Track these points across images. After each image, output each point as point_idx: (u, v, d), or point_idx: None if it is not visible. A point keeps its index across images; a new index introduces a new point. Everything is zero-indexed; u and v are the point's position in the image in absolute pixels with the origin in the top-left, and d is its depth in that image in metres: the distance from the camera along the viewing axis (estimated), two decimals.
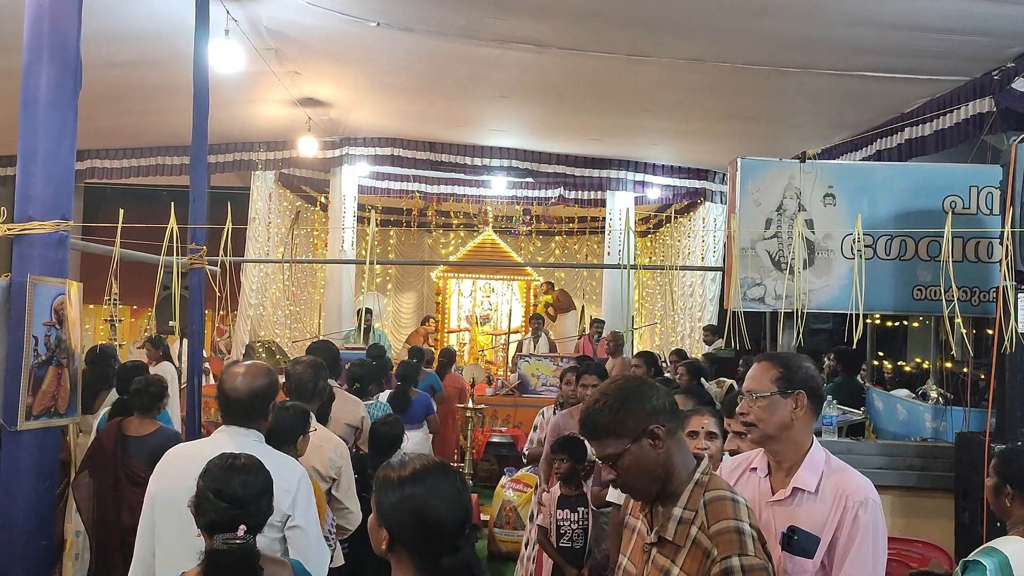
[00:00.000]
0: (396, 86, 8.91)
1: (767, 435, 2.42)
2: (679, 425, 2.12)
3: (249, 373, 2.90)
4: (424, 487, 1.79)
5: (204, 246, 5.54)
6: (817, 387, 2.45)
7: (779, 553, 2.32)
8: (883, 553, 2.33)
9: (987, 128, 5.99)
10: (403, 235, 16.66)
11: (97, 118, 9.23)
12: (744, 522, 1.96)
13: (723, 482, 2.12)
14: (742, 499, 2.05)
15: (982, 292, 5.18)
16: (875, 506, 2.32)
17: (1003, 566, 2.70)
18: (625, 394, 2.04)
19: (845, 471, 2.40)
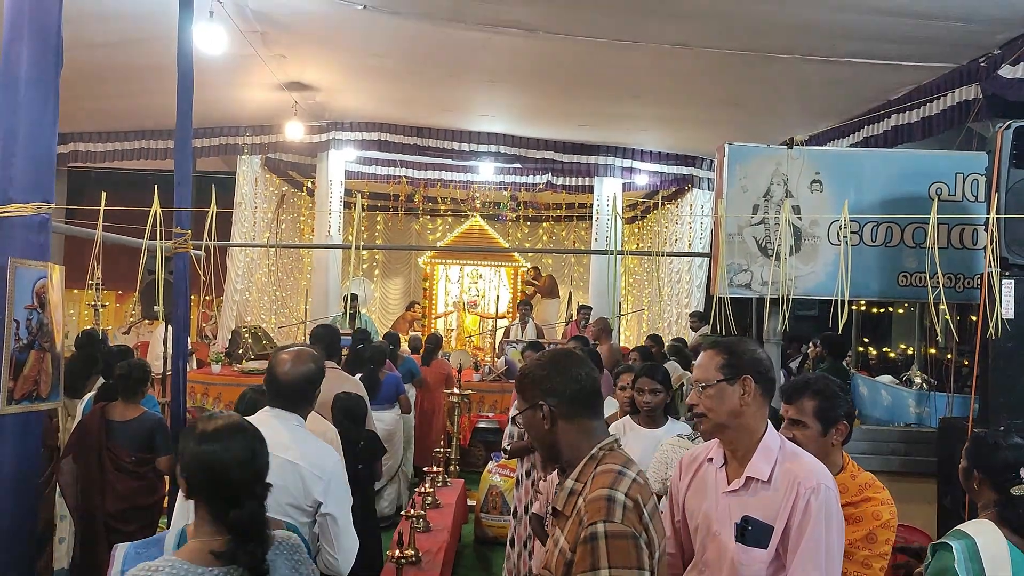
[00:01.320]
0: (383, 70, 8.84)
1: (718, 424, 2.38)
2: (581, 413, 2.11)
3: (298, 359, 2.97)
4: (219, 445, 1.96)
5: (189, 230, 5.49)
6: (765, 371, 2.38)
7: (733, 545, 2.31)
8: (838, 539, 2.29)
9: (973, 115, 6.01)
10: (390, 220, 16.60)
11: (80, 100, 9.16)
12: (618, 491, 1.94)
13: (623, 458, 2.09)
14: (633, 474, 2.02)
15: (966, 279, 5.21)
16: (828, 492, 2.27)
17: (970, 548, 2.72)
18: (540, 366, 2.15)
19: (798, 457, 2.37)
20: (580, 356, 2.19)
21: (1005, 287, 4.28)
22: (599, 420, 2.16)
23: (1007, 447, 2.90)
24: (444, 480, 6.53)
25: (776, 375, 2.53)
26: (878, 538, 2.72)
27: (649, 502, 2.01)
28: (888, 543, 2.74)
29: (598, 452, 2.08)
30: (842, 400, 2.89)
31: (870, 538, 2.71)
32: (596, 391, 2.16)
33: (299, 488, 2.83)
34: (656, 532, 1.99)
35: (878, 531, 2.72)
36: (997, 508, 2.83)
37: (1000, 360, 4.31)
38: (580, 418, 2.11)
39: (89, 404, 4.76)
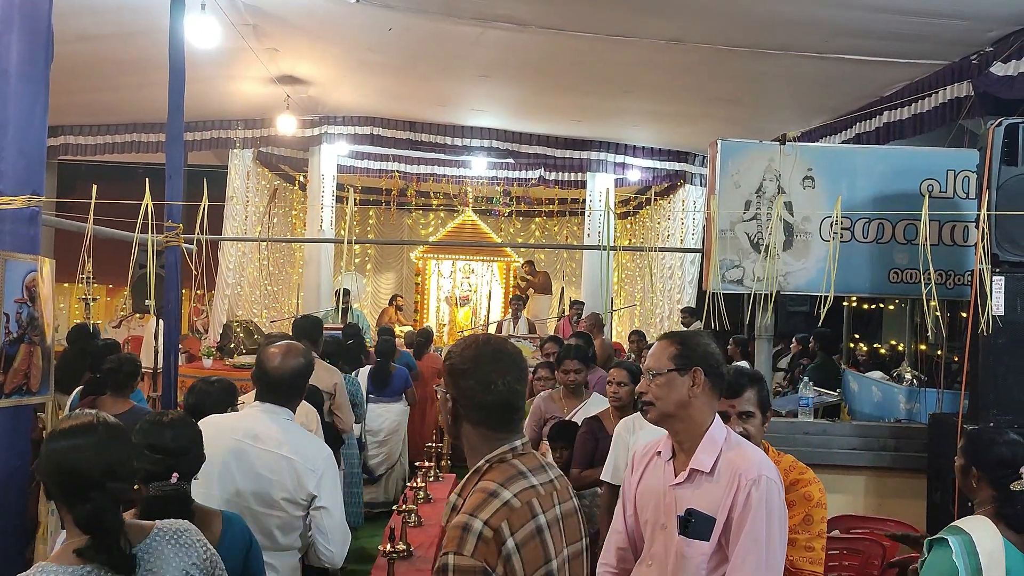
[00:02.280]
0: (376, 64, 8.82)
1: (664, 413, 2.40)
2: (485, 422, 1.98)
3: (288, 353, 2.97)
4: (65, 443, 1.97)
5: (181, 224, 5.47)
6: (716, 365, 2.41)
7: (677, 537, 2.31)
8: (780, 531, 2.29)
9: (964, 112, 6.03)
10: (382, 215, 16.57)
11: (71, 93, 9.09)
12: (477, 519, 1.81)
13: (506, 474, 1.94)
14: (510, 494, 1.88)
15: (957, 275, 5.24)
16: (769, 483, 2.27)
17: (967, 544, 2.74)
18: (464, 358, 2.01)
19: (741, 449, 2.38)
20: (509, 362, 2.01)
21: (995, 284, 4.29)
22: (505, 433, 1.99)
23: (1004, 443, 2.92)
24: (436, 475, 6.53)
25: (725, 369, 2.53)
26: (814, 518, 2.75)
27: (525, 527, 1.87)
28: (823, 521, 2.76)
29: (483, 464, 1.96)
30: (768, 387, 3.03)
31: (807, 520, 2.74)
32: (510, 405, 1.98)
33: (294, 482, 2.84)
34: (529, 559, 1.86)
35: (813, 511, 2.76)
36: (995, 505, 2.85)
37: (990, 356, 4.33)
38: (483, 427, 1.99)
39: (76, 399, 4.74)
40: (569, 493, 2.09)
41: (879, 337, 9.77)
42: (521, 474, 1.95)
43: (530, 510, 1.90)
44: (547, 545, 1.91)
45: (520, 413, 2.05)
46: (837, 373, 7.42)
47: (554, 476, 2.06)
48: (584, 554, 2.09)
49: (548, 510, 1.95)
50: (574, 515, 2.06)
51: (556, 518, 1.97)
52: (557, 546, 1.94)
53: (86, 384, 4.56)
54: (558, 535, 1.96)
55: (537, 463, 2.04)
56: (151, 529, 2.09)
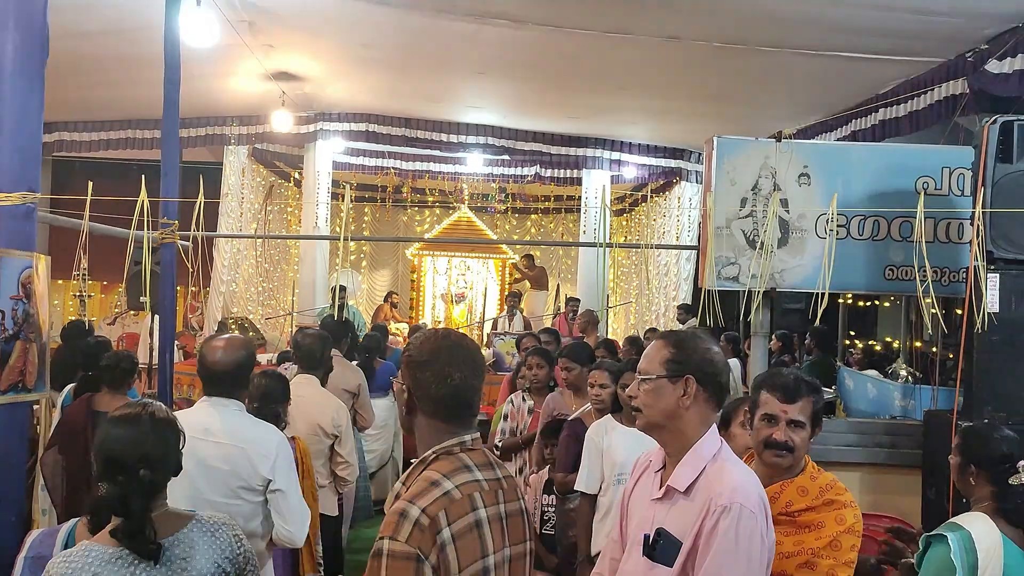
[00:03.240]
0: (371, 61, 8.81)
1: (651, 423, 2.20)
2: (440, 415, 1.99)
3: (229, 346, 3.05)
4: (112, 429, 2.16)
5: (176, 221, 5.46)
6: (714, 373, 2.17)
7: (638, 557, 2.15)
8: (751, 568, 2.03)
9: (960, 110, 6.04)
10: (377, 212, 16.56)
11: (65, 89, 9.07)
12: (415, 506, 1.83)
13: (451, 466, 1.94)
14: (452, 484, 1.89)
15: (952, 272, 5.24)
16: (742, 512, 2.01)
17: (965, 541, 2.74)
18: (422, 351, 2.02)
19: (724, 470, 2.12)
20: (466, 356, 2.02)
21: (990, 281, 4.30)
22: (457, 426, 2.01)
23: (1000, 439, 2.93)
24: None
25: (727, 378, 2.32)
26: (842, 545, 2.49)
27: (463, 519, 1.87)
28: (854, 550, 2.51)
29: (430, 455, 1.97)
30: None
31: (834, 545, 2.48)
32: (466, 400, 2.00)
33: (248, 470, 2.94)
34: (464, 551, 1.85)
35: (842, 537, 2.50)
36: (994, 500, 2.86)
37: (984, 353, 4.33)
38: (436, 419, 2.00)
39: (68, 396, 4.72)
40: (517, 495, 2.07)
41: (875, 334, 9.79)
42: (466, 468, 1.96)
43: (470, 503, 1.91)
44: (485, 540, 1.91)
45: (474, 408, 2.05)
46: (833, 370, 7.44)
47: (502, 475, 2.06)
48: (528, 558, 2.06)
49: (490, 506, 1.96)
50: (520, 516, 2.05)
51: (499, 515, 1.97)
52: (497, 543, 1.94)
53: (79, 381, 4.54)
54: (499, 532, 1.96)
55: (485, 460, 2.04)
56: (189, 520, 2.18)
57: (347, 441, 4.32)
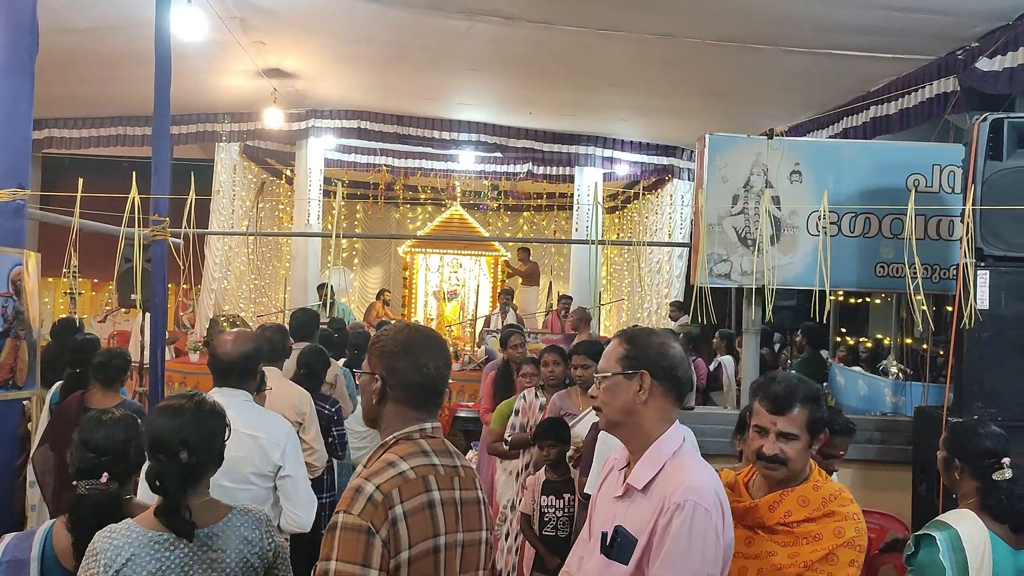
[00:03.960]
0: (363, 58, 8.79)
1: (610, 420, 2.21)
2: (410, 403, 2.05)
3: (238, 339, 3.23)
4: (159, 415, 2.31)
5: (167, 218, 5.44)
6: (669, 368, 2.15)
7: (597, 555, 2.15)
8: (705, 566, 2.01)
9: (950, 107, 6.07)
10: (370, 209, 16.53)
11: (55, 86, 9.02)
12: (371, 482, 1.90)
13: (408, 450, 2.00)
14: (407, 466, 1.95)
15: (942, 269, 5.27)
16: (696, 510, 2.00)
17: (953, 539, 2.76)
18: (395, 341, 2.07)
19: (683, 467, 2.10)
20: (438, 347, 2.10)
21: (980, 278, 4.32)
22: (424, 414, 2.07)
23: (986, 435, 2.95)
24: None
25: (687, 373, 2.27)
26: (839, 559, 2.35)
27: (416, 498, 1.93)
28: (853, 565, 2.36)
29: (390, 440, 2.05)
30: (825, 406, 2.56)
31: (830, 559, 2.35)
32: (437, 388, 2.09)
33: (261, 457, 3.07)
34: (415, 528, 1.90)
35: (840, 551, 2.35)
36: (978, 496, 2.87)
37: (974, 350, 4.35)
38: (406, 407, 2.06)
39: (56, 394, 4.70)
40: (474, 485, 2.12)
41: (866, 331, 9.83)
42: (423, 452, 2.03)
43: (424, 484, 1.97)
44: (437, 520, 1.97)
45: (442, 397, 2.14)
46: (824, 367, 7.47)
47: (460, 464, 2.11)
48: (483, 547, 2.10)
49: (444, 489, 2.01)
50: (476, 506, 2.09)
51: (453, 500, 2.03)
52: (450, 525, 2.00)
53: (67, 379, 4.52)
54: (452, 516, 2.01)
55: (443, 448, 2.09)
56: (228, 511, 2.30)
57: (311, 427, 4.42)
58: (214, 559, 2.20)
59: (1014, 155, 4.36)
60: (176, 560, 2.16)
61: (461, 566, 2.01)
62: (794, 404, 2.46)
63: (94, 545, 2.16)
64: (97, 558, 2.13)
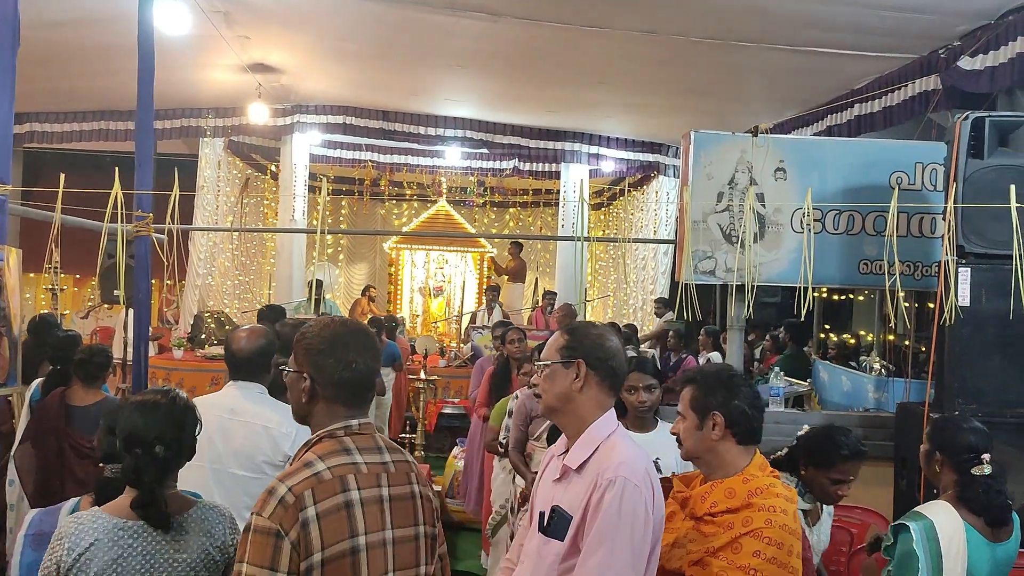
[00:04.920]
0: (348, 53, 8.76)
1: (548, 406, 2.33)
2: (339, 399, 2.05)
3: (252, 335, 3.33)
4: (132, 409, 2.33)
5: (150, 213, 5.40)
6: (603, 358, 2.27)
7: (536, 534, 2.26)
8: (633, 537, 2.10)
9: (933, 106, 6.11)
10: (355, 205, 16.47)
11: (37, 80, 8.94)
12: (284, 484, 1.91)
13: (329, 448, 2.01)
14: (324, 466, 1.96)
15: (924, 266, 5.31)
16: (627, 485, 2.11)
17: (927, 529, 2.81)
18: (321, 338, 2.07)
19: (615, 448, 2.21)
20: (366, 342, 2.11)
21: (961, 275, 4.35)
22: (353, 411, 2.08)
23: (969, 430, 3.00)
24: None
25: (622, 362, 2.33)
26: (743, 548, 2.29)
27: (331, 499, 1.93)
28: (758, 556, 2.27)
29: (314, 438, 2.05)
30: (722, 391, 2.46)
31: (733, 547, 2.30)
32: (367, 383, 2.10)
33: (272, 447, 3.14)
34: (329, 530, 1.91)
35: (744, 540, 2.30)
36: (956, 489, 2.92)
37: (955, 346, 4.39)
38: (336, 404, 2.07)
39: (37, 391, 4.66)
40: (409, 480, 2.11)
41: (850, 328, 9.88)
42: (345, 451, 2.03)
43: (340, 484, 1.97)
44: (355, 520, 1.96)
45: (372, 393, 2.15)
46: (807, 363, 7.51)
47: (392, 459, 2.09)
48: (419, 541, 2.09)
49: (366, 488, 2.00)
50: (410, 500, 2.09)
51: (378, 498, 2.02)
52: (372, 525, 1.99)
53: (48, 375, 4.48)
54: (376, 514, 2.00)
55: (372, 444, 2.08)
56: (192, 505, 2.35)
57: None
58: (176, 549, 2.25)
59: (995, 153, 4.41)
60: (138, 548, 2.21)
61: (394, 564, 2.01)
62: (684, 385, 2.56)
63: (60, 530, 2.24)
64: (62, 542, 2.20)
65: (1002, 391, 4.34)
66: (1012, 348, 4.33)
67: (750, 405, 2.46)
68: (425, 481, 2.18)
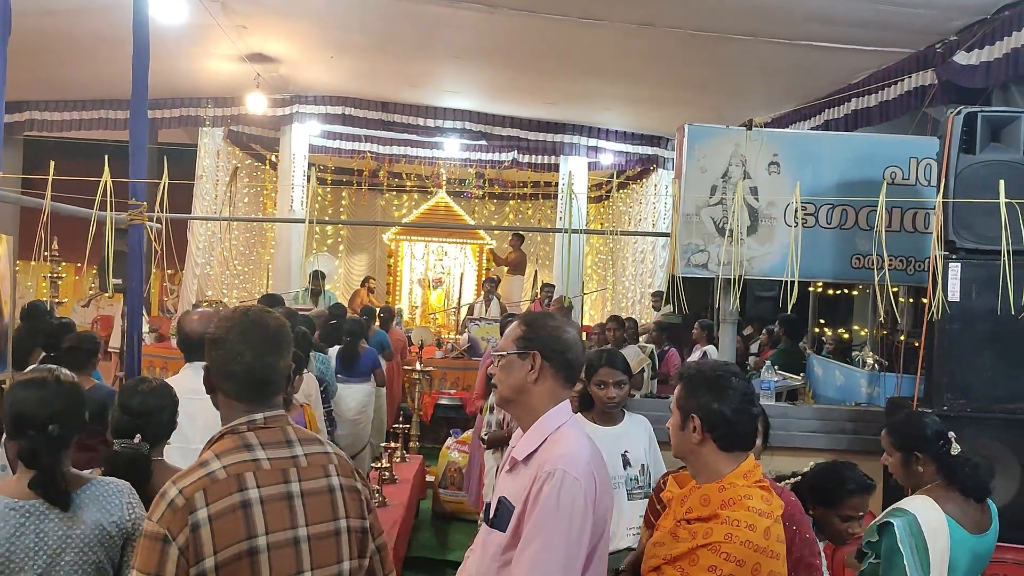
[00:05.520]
0: (347, 44, 8.75)
1: (503, 396, 2.30)
2: (235, 394, 1.99)
3: (203, 317, 3.55)
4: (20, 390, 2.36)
5: (145, 202, 5.42)
6: (559, 350, 2.23)
7: (484, 525, 2.26)
8: (570, 531, 2.04)
9: (929, 100, 6.10)
10: (354, 196, 16.48)
11: (35, 68, 8.96)
12: (175, 486, 1.85)
13: (228, 446, 1.94)
14: (219, 465, 1.89)
15: (918, 261, 5.31)
16: (565, 477, 2.07)
17: (912, 524, 2.82)
18: (221, 328, 2.01)
19: (561, 440, 2.18)
20: (263, 334, 2.00)
21: (951, 270, 4.35)
22: (254, 406, 1.99)
23: (927, 421, 3.04)
24: (403, 456, 6.55)
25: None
26: (699, 560, 2.17)
27: (225, 500, 1.85)
28: (713, 572, 2.13)
29: (216, 435, 1.99)
30: (704, 393, 2.32)
31: (690, 558, 2.19)
32: (258, 377, 1.98)
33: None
34: (222, 532, 1.84)
35: (700, 552, 2.17)
36: (943, 477, 2.94)
37: (945, 341, 4.39)
38: (231, 398, 2.00)
39: None
40: (325, 472, 2.01)
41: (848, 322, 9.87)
42: (246, 447, 1.94)
43: (237, 483, 1.88)
44: (252, 520, 1.87)
45: (273, 387, 2.03)
46: (801, 358, 7.51)
47: (305, 452, 2.00)
48: (340, 536, 2.00)
49: (268, 486, 1.91)
50: (327, 494, 2.00)
51: (284, 495, 1.93)
52: (275, 523, 1.90)
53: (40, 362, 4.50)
54: (281, 512, 1.92)
55: (280, 438, 1.99)
56: (86, 482, 2.37)
57: (316, 408, 4.67)
58: (69, 525, 2.26)
59: (987, 149, 4.40)
60: (31, 527, 2.23)
61: (311, 562, 1.93)
62: (677, 380, 2.45)
63: None
64: None
65: (991, 386, 4.34)
66: (1001, 344, 4.32)
67: (735, 409, 2.29)
68: (349, 472, 2.08)
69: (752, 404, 2.34)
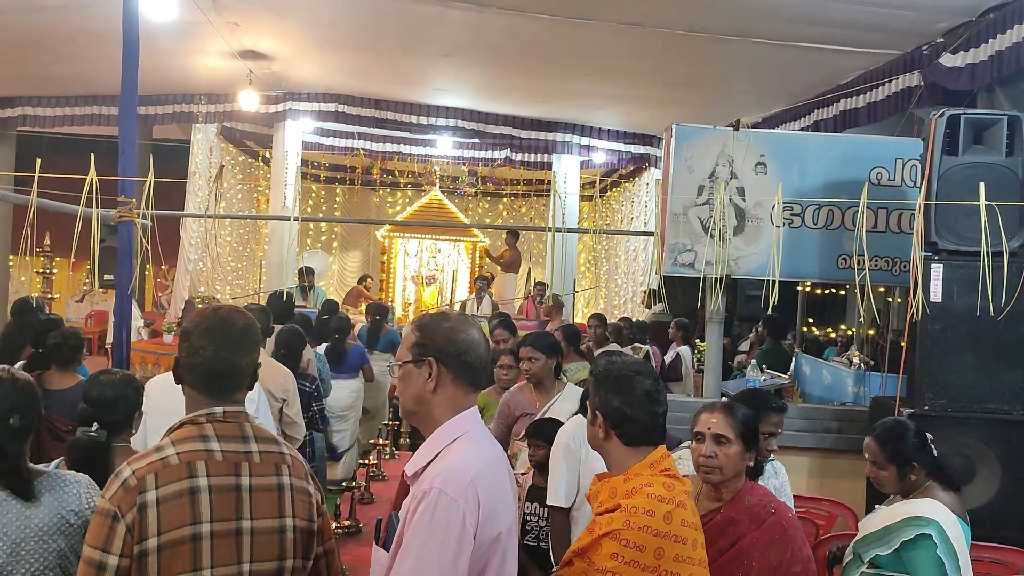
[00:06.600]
0: (339, 41, 8.76)
1: (406, 409, 2.10)
2: (196, 386, 2.03)
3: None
4: None
5: (134, 199, 5.43)
6: (456, 354, 2.01)
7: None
8: (444, 557, 1.84)
9: (915, 102, 6.14)
10: (348, 193, 16.48)
11: (27, 64, 8.96)
12: (129, 467, 1.91)
13: (185, 435, 1.99)
14: (173, 451, 1.93)
15: (903, 262, 5.34)
16: (440, 497, 1.86)
17: (940, 532, 2.82)
18: (194, 321, 2.08)
19: (449, 456, 1.98)
20: (227, 331, 2.05)
21: (934, 271, 4.39)
22: (213, 399, 2.03)
23: (908, 427, 3.08)
24: (392, 453, 6.58)
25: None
26: (601, 549, 2.16)
27: (174, 484, 1.90)
28: (615, 559, 2.13)
29: (176, 424, 2.04)
30: (604, 390, 2.31)
31: (594, 548, 2.18)
32: (217, 372, 2.02)
33: None
34: (168, 515, 1.88)
35: (603, 541, 2.16)
36: (933, 478, 2.99)
37: (926, 341, 4.43)
38: (193, 390, 2.05)
39: None
40: (277, 471, 2.04)
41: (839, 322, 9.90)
42: (202, 437, 1.99)
43: (188, 470, 1.93)
44: (199, 507, 1.92)
45: (234, 382, 2.07)
46: (787, 357, 7.56)
47: (258, 449, 2.03)
48: (285, 535, 2.02)
49: (218, 476, 1.96)
50: (275, 492, 2.03)
51: (232, 486, 1.97)
52: (220, 513, 1.94)
53: (28, 359, 4.52)
54: (227, 503, 1.95)
55: (236, 432, 2.03)
56: (42, 474, 2.40)
57: (294, 403, 4.68)
58: (28, 515, 2.29)
59: (970, 151, 4.44)
60: None
61: (251, 555, 1.97)
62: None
63: None
64: None
65: (972, 387, 4.39)
66: (982, 344, 4.37)
67: (634, 406, 2.25)
68: (303, 475, 2.10)
69: (656, 403, 2.29)
